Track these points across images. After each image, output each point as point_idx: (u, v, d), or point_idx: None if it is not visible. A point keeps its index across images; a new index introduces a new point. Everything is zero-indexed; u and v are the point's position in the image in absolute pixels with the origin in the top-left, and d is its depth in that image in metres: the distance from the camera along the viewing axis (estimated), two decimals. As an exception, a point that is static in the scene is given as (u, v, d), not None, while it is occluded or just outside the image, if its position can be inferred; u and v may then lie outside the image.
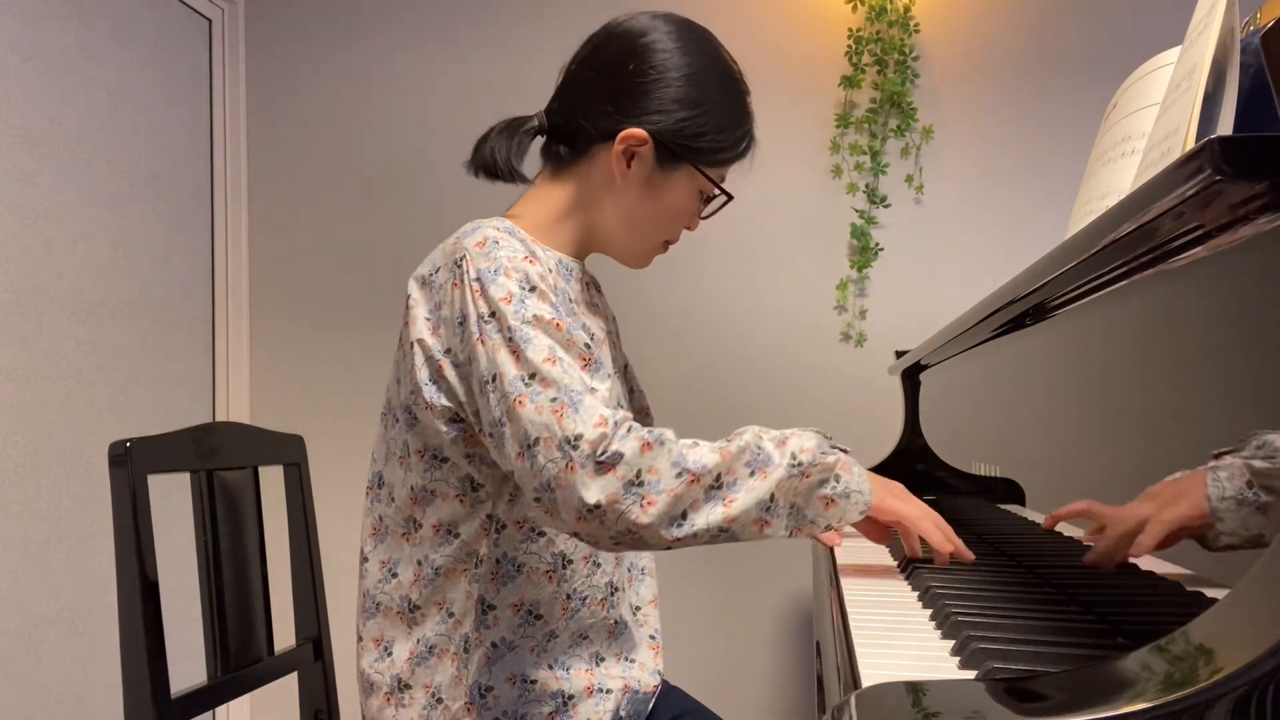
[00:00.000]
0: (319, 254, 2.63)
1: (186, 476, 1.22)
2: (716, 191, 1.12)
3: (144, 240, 2.34)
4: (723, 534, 0.90)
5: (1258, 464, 0.51)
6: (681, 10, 1.17)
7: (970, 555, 1.03)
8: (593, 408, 0.89)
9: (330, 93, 2.63)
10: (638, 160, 1.07)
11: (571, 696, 1.06)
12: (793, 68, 2.45)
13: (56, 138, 2.08)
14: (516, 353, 0.93)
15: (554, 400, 0.90)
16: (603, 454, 0.87)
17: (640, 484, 0.87)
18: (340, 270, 2.62)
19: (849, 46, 2.37)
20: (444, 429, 1.01)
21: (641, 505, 0.87)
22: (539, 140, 1.14)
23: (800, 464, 0.92)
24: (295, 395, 2.63)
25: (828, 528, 0.94)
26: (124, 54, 2.29)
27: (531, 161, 1.14)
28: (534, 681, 1.05)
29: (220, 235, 2.61)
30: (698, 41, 1.09)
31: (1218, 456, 0.56)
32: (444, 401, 1.00)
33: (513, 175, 1.10)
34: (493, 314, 0.95)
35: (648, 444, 0.88)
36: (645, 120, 1.05)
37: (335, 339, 2.62)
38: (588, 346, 0.97)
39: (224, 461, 1.26)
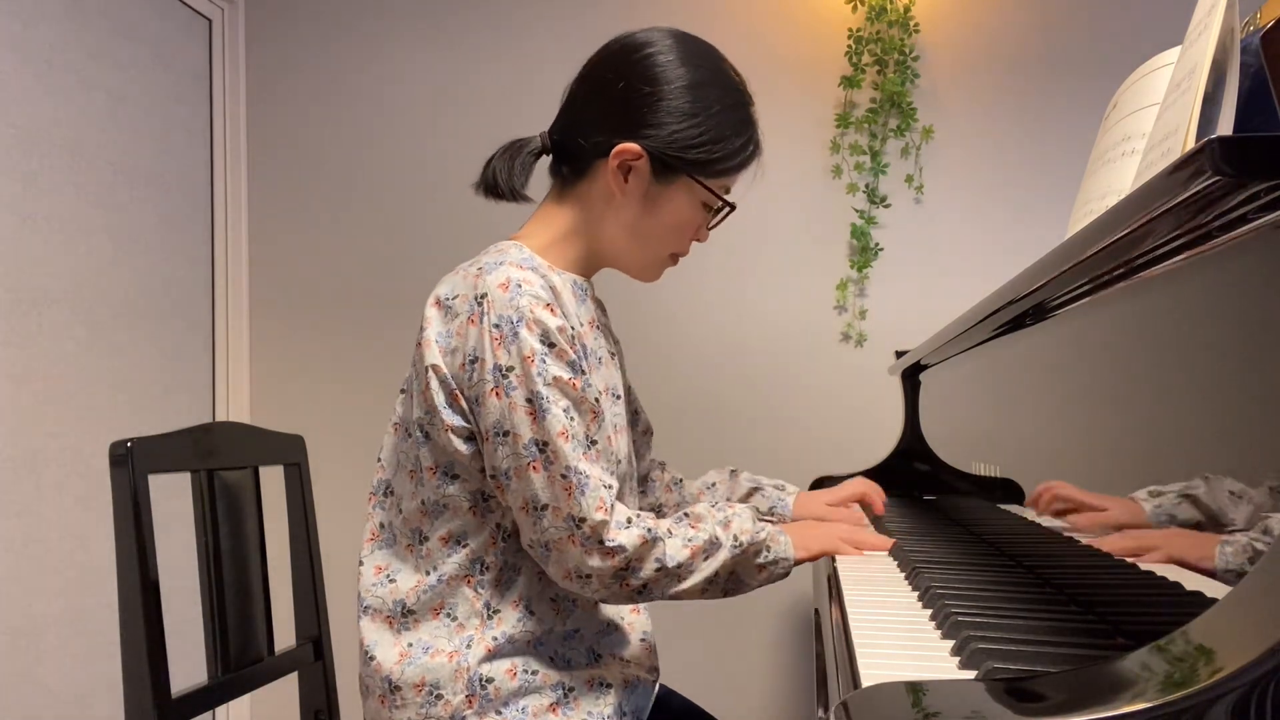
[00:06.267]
0: (319, 254, 2.63)
1: (187, 476, 1.22)
2: (719, 202, 1.13)
3: (144, 240, 2.34)
4: (668, 599, 1.07)
5: (1259, 546, 0.51)
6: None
7: (883, 548, 1.21)
8: (595, 491, 1.00)
9: (330, 93, 2.63)
10: (634, 174, 1.08)
11: (572, 689, 1.07)
12: (793, 68, 2.45)
13: (56, 138, 2.08)
14: (534, 415, 0.98)
15: (564, 477, 0.99)
16: (609, 542, 0.99)
17: (627, 570, 1.01)
18: (340, 270, 2.62)
19: (849, 47, 2.37)
20: (461, 446, 1.03)
21: (621, 585, 1.02)
22: (545, 159, 1.16)
23: (741, 544, 1.08)
24: (295, 395, 2.63)
25: (759, 585, 1.11)
26: (124, 54, 2.29)
27: (540, 181, 1.16)
28: (535, 672, 1.06)
29: (220, 235, 2.61)
30: (698, 53, 1.09)
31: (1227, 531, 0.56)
32: (462, 422, 1.03)
33: (514, 196, 1.13)
34: (511, 369, 0.98)
35: (646, 541, 1.01)
36: (640, 134, 1.06)
37: (335, 339, 2.62)
38: (598, 400, 1.03)
39: (224, 461, 1.26)
